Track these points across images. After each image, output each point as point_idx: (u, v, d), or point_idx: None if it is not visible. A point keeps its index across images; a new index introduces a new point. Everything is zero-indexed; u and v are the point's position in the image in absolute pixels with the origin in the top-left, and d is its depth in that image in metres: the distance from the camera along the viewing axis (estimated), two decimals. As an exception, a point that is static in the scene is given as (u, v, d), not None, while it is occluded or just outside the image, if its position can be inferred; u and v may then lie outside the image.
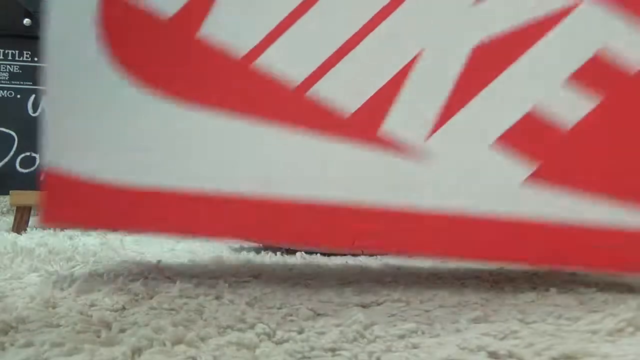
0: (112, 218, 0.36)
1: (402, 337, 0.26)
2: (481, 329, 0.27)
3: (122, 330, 0.27)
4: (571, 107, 0.33)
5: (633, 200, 0.33)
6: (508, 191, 0.34)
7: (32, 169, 0.84)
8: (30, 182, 0.83)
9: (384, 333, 0.27)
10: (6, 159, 0.84)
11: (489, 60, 0.34)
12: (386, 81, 0.34)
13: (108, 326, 0.27)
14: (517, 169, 0.34)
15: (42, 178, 0.36)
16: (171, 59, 0.36)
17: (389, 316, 0.30)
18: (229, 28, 0.35)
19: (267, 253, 0.52)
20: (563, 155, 0.34)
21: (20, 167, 0.84)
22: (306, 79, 0.35)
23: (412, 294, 0.34)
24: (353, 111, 0.35)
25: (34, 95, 0.81)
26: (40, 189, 0.36)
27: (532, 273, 0.44)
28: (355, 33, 0.34)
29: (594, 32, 0.33)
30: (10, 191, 0.82)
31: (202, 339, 0.25)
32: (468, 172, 0.34)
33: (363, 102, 0.35)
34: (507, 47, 0.34)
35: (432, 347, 0.25)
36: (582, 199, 0.33)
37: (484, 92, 0.34)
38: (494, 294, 0.35)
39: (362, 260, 0.52)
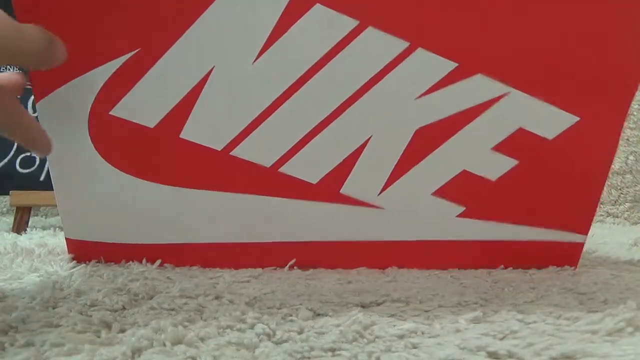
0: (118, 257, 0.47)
1: (401, 337, 0.26)
2: (481, 329, 0.27)
3: (122, 330, 0.27)
4: (493, 168, 0.44)
5: (541, 225, 0.46)
6: (445, 223, 0.45)
7: (32, 169, 0.84)
8: (30, 182, 0.83)
9: (384, 333, 0.27)
10: (6, 159, 0.84)
11: (429, 138, 0.43)
12: (342, 160, 0.43)
13: (108, 326, 0.27)
14: (451, 209, 0.44)
15: (66, 243, 0.47)
16: (158, 155, 0.44)
17: (389, 316, 0.30)
18: (208, 128, 0.43)
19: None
20: (487, 199, 0.44)
21: (20, 167, 0.84)
22: (277, 161, 0.43)
23: (412, 294, 0.34)
24: (316, 181, 0.44)
25: (33, 96, 0.81)
26: (67, 248, 0.47)
27: (531, 273, 0.44)
28: (315, 126, 0.43)
29: (516, 115, 0.42)
30: (10, 191, 0.83)
31: (202, 339, 0.26)
32: (414, 212, 0.45)
33: (324, 175, 0.44)
34: (445, 128, 0.43)
35: (432, 347, 0.25)
36: (501, 226, 0.45)
37: (425, 160, 0.43)
38: (494, 294, 0.35)
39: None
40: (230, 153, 0.43)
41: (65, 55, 0.35)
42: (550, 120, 0.42)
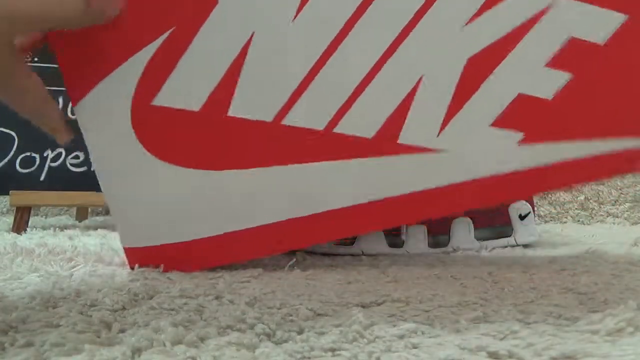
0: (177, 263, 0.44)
1: (402, 337, 0.26)
2: (481, 329, 0.27)
3: (122, 330, 0.27)
4: (549, 86, 0.41)
5: (603, 136, 0.41)
6: (507, 154, 0.42)
7: (32, 169, 0.84)
8: (30, 182, 0.83)
9: (384, 333, 0.27)
10: (6, 159, 0.84)
11: (480, 66, 0.41)
12: (395, 107, 0.41)
13: (108, 326, 0.27)
14: (511, 138, 0.42)
15: (124, 251, 0.45)
16: (207, 140, 0.42)
17: (389, 316, 0.30)
18: (255, 99, 0.41)
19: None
20: (546, 120, 0.42)
21: (20, 167, 0.84)
22: (331, 121, 0.41)
23: (412, 294, 0.34)
24: (372, 135, 0.41)
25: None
26: (126, 257, 0.45)
27: (532, 273, 0.44)
28: (364, 77, 0.40)
29: (565, 25, 0.40)
30: (10, 191, 0.83)
31: (202, 339, 0.26)
32: (475, 149, 0.42)
33: (380, 126, 0.41)
34: (496, 52, 0.40)
35: (432, 347, 0.25)
36: (563, 145, 0.42)
37: (479, 91, 0.41)
38: (494, 294, 0.35)
39: (362, 261, 0.52)
40: (282, 122, 0.41)
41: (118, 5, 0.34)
42: (598, 23, 0.40)
